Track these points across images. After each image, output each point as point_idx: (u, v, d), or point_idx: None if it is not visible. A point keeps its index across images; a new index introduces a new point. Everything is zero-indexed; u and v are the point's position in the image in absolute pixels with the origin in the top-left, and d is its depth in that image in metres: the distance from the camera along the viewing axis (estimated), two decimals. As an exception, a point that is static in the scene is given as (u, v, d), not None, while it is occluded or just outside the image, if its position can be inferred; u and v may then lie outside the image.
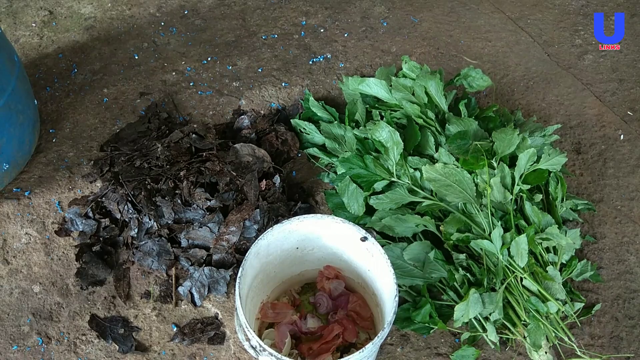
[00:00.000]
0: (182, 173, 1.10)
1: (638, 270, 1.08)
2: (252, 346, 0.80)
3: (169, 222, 1.08)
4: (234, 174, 1.10)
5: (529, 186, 1.05)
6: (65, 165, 1.22)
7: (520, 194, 1.06)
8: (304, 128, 1.23)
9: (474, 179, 1.03)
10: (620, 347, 0.99)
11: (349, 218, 1.02)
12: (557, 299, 0.95)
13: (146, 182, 1.09)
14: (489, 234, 0.98)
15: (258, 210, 1.08)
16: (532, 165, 1.05)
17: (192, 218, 1.08)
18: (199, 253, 1.06)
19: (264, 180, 1.12)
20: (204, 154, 1.15)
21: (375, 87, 1.23)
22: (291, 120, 1.26)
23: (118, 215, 1.09)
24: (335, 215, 0.89)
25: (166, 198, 1.08)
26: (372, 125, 1.10)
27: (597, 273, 1.07)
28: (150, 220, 1.07)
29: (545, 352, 0.94)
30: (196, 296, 1.03)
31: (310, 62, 1.44)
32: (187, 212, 1.08)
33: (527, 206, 1.04)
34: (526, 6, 1.61)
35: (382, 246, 0.87)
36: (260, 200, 1.09)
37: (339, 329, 0.93)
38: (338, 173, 1.14)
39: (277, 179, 1.13)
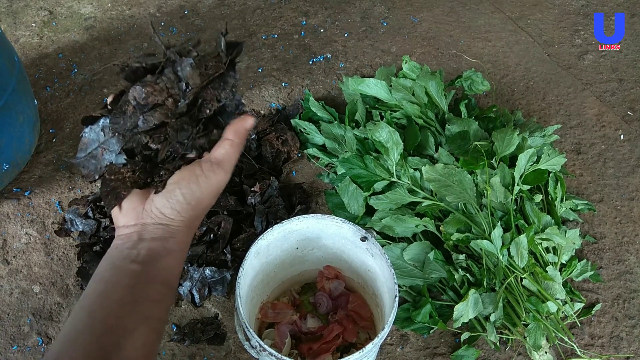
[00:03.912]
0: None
1: (638, 270, 1.08)
2: (252, 346, 0.80)
3: None
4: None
5: (529, 186, 1.05)
6: (65, 165, 1.22)
7: (520, 194, 1.06)
8: (304, 128, 1.23)
9: (474, 179, 1.03)
10: (620, 347, 0.99)
11: (349, 218, 1.02)
12: (557, 299, 0.96)
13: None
14: (489, 234, 0.98)
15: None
16: (532, 165, 1.05)
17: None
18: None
19: (257, 184, 1.12)
20: None
21: (375, 87, 1.23)
22: (291, 120, 1.26)
23: None
24: (335, 215, 0.89)
25: None
26: (372, 126, 1.10)
27: (597, 273, 1.07)
28: None
29: (546, 352, 0.94)
30: (196, 296, 1.03)
31: (310, 62, 1.44)
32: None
33: (527, 206, 1.04)
34: (526, 6, 1.61)
35: (382, 246, 0.87)
36: (258, 205, 1.09)
37: (339, 329, 0.93)
38: (338, 173, 1.14)
39: (274, 182, 1.13)
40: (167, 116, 0.55)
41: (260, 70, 1.42)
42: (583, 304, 1.01)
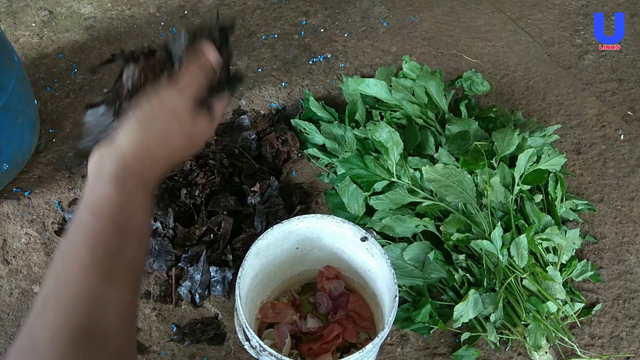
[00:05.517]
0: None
1: (638, 270, 1.08)
2: (252, 346, 0.80)
3: (174, 223, 1.07)
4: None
5: (529, 186, 1.05)
6: (65, 165, 1.22)
7: (521, 194, 1.06)
8: (304, 128, 1.23)
9: (474, 179, 1.03)
10: (620, 347, 0.99)
11: (349, 218, 1.02)
12: (557, 299, 0.95)
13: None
14: (489, 234, 0.98)
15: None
16: (532, 165, 1.05)
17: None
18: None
19: (257, 184, 1.12)
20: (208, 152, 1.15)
21: (375, 87, 1.22)
22: (291, 120, 1.26)
23: None
24: (335, 216, 0.89)
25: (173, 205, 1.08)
26: (372, 126, 1.10)
27: (597, 273, 1.07)
28: (155, 222, 1.07)
29: (546, 352, 0.94)
30: (196, 296, 1.03)
31: (310, 62, 1.44)
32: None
33: (527, 206, 1.04)
34: (526, 6, 1.61)
35: (382, 246, 0.87)
36: (258, 205, 1.09)
37: (339, 329, 0.93)
38: (338, 173, 1.14)
39: (274, 182, 1.13)
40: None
41: (260, 70, 1.42)
42: (583, 304, 1.01)
